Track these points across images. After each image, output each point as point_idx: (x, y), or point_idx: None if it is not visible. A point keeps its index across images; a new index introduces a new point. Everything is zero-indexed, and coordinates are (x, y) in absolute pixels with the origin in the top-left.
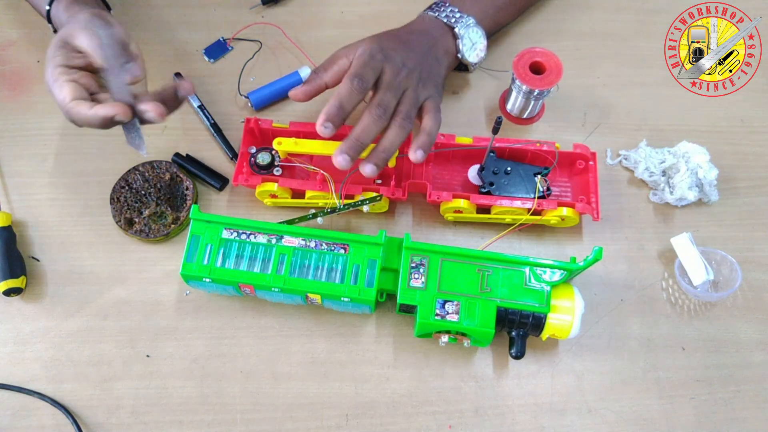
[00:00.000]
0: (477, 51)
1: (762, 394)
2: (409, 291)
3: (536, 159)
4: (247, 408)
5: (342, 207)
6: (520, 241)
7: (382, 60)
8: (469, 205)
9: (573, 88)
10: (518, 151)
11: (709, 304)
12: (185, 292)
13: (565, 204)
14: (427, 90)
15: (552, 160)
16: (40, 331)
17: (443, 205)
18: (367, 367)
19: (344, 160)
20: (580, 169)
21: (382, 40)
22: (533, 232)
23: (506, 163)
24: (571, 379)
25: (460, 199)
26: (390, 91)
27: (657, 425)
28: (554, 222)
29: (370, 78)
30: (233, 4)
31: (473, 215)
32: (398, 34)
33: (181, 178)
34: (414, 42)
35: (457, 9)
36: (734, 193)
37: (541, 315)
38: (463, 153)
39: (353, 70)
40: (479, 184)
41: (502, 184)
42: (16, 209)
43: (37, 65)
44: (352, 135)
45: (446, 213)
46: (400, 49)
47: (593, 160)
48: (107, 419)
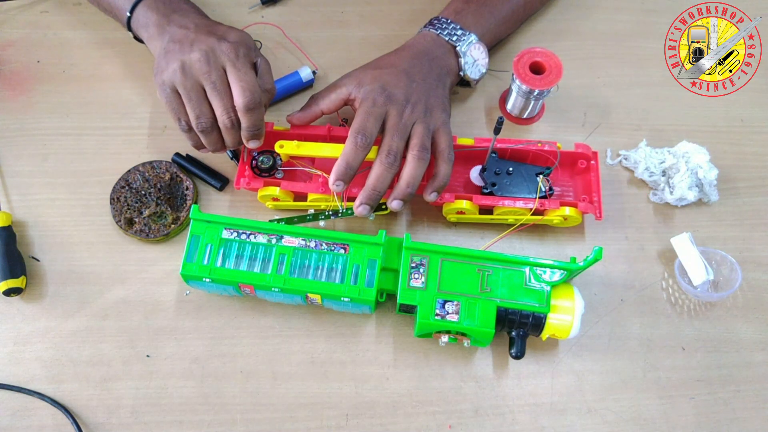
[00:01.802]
0: (479, 67)
1: (762, 394)
2: (409, 291)
3: (538, 159)
4: (247, 408)
5: (345, 211)
6: (521, 240)
7: (384, 104)
8: (471, 206)
9: (573, 88)
10: (520, 152)
11: (709, 304)
12: (185, 292)
13: (567, 204)
14: (435, 116)
15: (553, 160)
16: (40, 331)
17: (446, 206)
18: (367, 367)
19: (365, 209)
20: (582, 168)
21: (384, 75)
22: (533, 232)
23: (508, 164)
24: (571, 379)
25: (463, 200)
26: (397, 134)
27: (657, 425)
28: (557, 222)
29: (374, 130)
30: (233, 4)
31: (476, 216)
32: (399, 63)
33: (181, 178)
34: (416, 69)
35: (459, 26)
36: (734, 193)
37: (541, 315)
38: (465, 154)
39: (356, 126)
40: (481, 185)
41: (505, 185)
42: (16, 209)
43: (37, 65)
44: (368, 185)
45: (449, 214)
46: (403, 83)
47: (595, 159)
48: (107, 419)
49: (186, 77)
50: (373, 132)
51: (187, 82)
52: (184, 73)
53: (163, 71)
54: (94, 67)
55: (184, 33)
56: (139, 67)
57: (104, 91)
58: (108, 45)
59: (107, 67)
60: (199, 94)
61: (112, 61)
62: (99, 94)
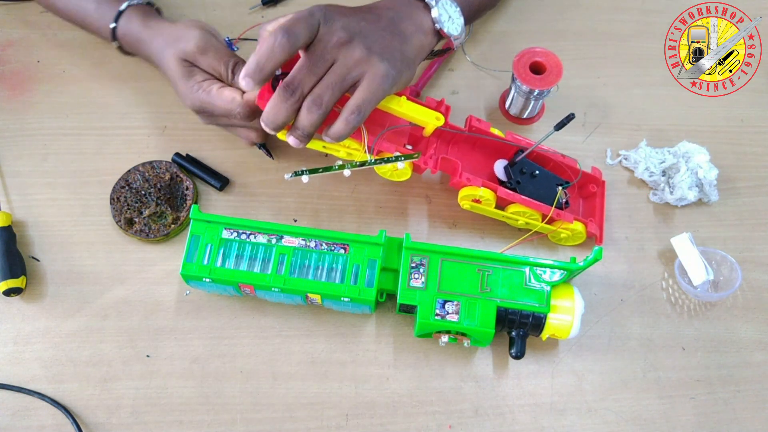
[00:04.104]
0: (456, 25)
1: (762, 394)
2: (409, 291)
3: (556, 169)
4: (247, 408)
5: (372, 161)
6: (531, 243)
7: (320, 20)
8: (492, 197)
9: (573, 88)
10: (541, 157)
11: (709, 304)
12: (185, 292)
13: (579, 220)
14: (374, 65)
15: (569, 174)
16: (40, 331)
17: (463, 191)
18: (367, 367)
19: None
20: (591, 192)
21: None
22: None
23: (535, 166)
24: (571, 379)
25: (487, 188)
26: (311, 62)
27: (657, 425)
28: (564, 235)
29: (300, 36)
30: (233, 5)
31: (489, 209)
32: (358, 8)
33: (181, 178)
34: (372, 14)
35: None
36: (734, 193)
37: (541, 315)
38: (491, 144)
39: (283, 24)
40: (505, 179)
41: (526, 185)
42: (16, 209)
43: (37, 65)
44: (263, 115)
45: (463, 200)
46: (350, 15)
47: (601, 187)
48: (107, 419)
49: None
50: (298, 37)
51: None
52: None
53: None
54: (94, 67)
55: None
56: (139, 67)
57: (104, 91)
58: (108, 45)
59: (107, 67)
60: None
61: (111, 61)
62: (99, 94)
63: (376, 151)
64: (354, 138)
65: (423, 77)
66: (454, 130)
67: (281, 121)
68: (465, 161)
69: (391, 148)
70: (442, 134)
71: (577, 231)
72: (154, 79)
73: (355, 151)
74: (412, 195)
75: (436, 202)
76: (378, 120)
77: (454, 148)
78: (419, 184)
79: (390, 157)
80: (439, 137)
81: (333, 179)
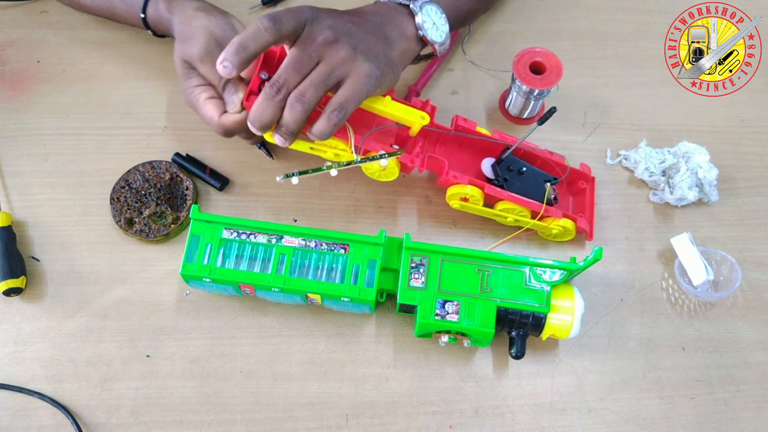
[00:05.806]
0: (440, 32)
1: (762, 394)
2: (409, 291)
3: (544, 166)
4: (247, 408)
5: (359, 160)
6: (521, 240)
7: (307, 17)
8: (479, 194)
9: (573, 88)
10: (529, 154)
11: (709, 304)
12: (185, 292)
13: (569, 216)
14: (359, 65)
15: (558, 170)
16: (40, 331)
17: (451, 189)
18: (367, 367)
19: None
20: (581, 188)
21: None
22: (534, 233)
23: (522, 163)
24: (571, 379)
25: (475, 186)
26: (296, 61)
27: (657, 425)
28: (555, 232)
29: (287, 26)
30: (233, 5)
31: (477, 207)
32: (345, 11)
33: (181, 178)
34: (359, 17)
35: None
36: (734, 193)
37: (541, 315)
38: (479, 143)
39: (271, 13)
40: (492, 177)
41: (513, 183)
42: (16, 209)
43: (37, 65)
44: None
45: (452, 199)
46: (337, 16)
47: (591, 184)
48: (107, 419)
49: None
50: (283, 24)
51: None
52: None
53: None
54: (94, 67)
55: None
56: (139, 67)
57: (104, 91)
58: (108, 45)
59: (107, 67)
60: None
61: (112, 61)
62: (99, 94)
63: (363, 151)
64: (341, 138)
65: (423, 77)
66: (440, 130)
67: (267, 120)
68: (453, 160)
69: (377, 147)
70: (429, 134)
71: (567, 227)
72: (154, 79)
73: (342, 152)
74: (412, 195)
75: (436, 202)
76: (365, 121)
77: (441, 148)
78: (419, 184)
79: (375, 156)
80: (426, 137)
81: (333, 180)
